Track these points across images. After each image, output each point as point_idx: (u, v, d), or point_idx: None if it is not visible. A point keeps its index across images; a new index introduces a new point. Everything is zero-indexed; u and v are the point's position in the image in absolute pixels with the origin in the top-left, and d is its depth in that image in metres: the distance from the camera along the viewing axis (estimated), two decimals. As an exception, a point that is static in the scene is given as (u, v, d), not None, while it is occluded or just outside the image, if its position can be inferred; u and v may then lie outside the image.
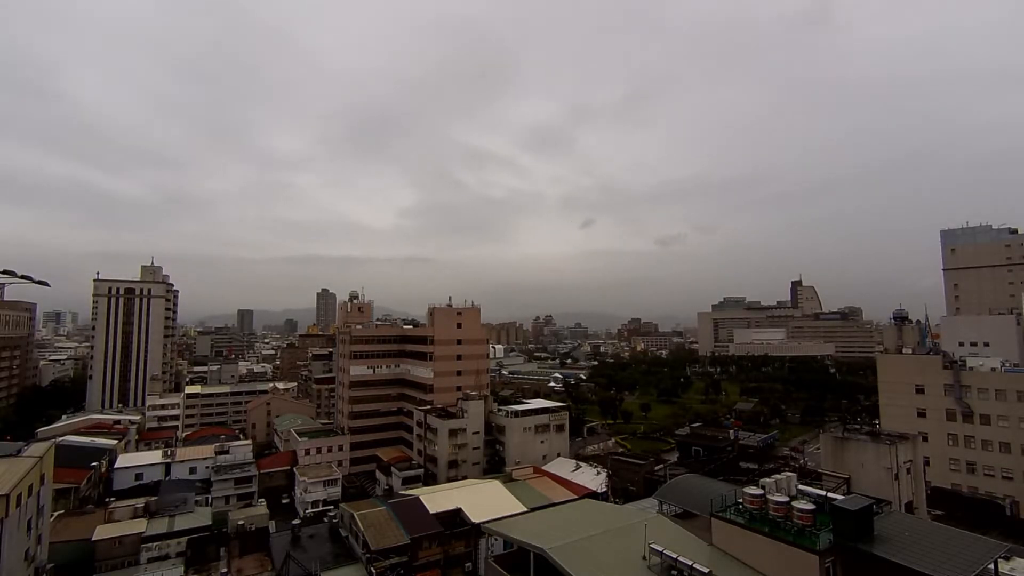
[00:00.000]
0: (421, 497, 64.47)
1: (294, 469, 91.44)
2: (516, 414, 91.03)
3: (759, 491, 36.77)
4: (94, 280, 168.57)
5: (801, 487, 40.00)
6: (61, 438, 78.78)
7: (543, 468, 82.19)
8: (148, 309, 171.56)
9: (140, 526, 56.38)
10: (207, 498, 76.59)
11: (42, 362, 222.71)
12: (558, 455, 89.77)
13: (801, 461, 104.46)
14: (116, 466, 79.97)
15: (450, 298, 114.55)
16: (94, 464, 75.99)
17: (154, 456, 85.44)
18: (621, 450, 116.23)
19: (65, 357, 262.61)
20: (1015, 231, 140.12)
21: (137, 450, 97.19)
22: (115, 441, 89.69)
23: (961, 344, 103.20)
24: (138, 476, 79.01)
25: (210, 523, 59.48)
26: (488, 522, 52.23)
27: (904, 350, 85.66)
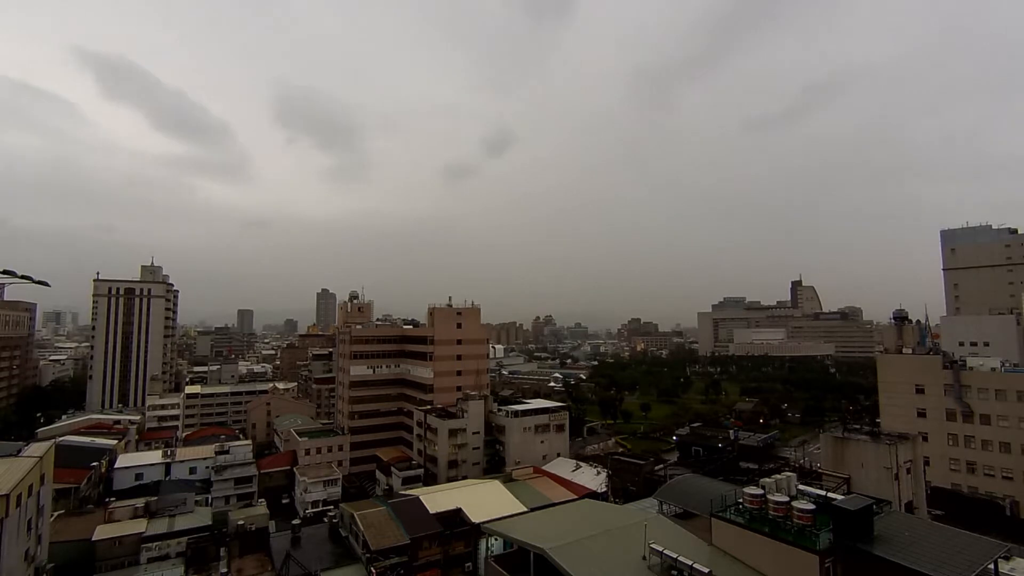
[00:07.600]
0: (421, 497, 64.40)
1: (294, 469, 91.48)
2: (516, 414, 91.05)
3: (759, 491, 36.78)
4: (94, 280, 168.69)
5: (801, 487, 40.05)
6: (61, 438, 78.73)
7: (543, 468, 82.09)
8: (148, 309, 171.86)
9: (140, 526, 56.34)
10: (207, 498, 76.46)
11: (42, 362, 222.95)
12: (558, 455, 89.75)
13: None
14: (116, 466, 79.93)
15: (450, 298, 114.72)
16: (94, 464, 75.97)
17: (154, 456, 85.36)
18: (621, 450, 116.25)
19: (65, 357, 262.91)
20: (1015, 231, 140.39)
21: (137, 450, 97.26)
22: (115, 441, 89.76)
23: (961, 344, 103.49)
24: (138, 476, 78.91)
25: (210, 523, 59.38)
26: (488, 522, 52.12)
27: (904, 350, 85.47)
